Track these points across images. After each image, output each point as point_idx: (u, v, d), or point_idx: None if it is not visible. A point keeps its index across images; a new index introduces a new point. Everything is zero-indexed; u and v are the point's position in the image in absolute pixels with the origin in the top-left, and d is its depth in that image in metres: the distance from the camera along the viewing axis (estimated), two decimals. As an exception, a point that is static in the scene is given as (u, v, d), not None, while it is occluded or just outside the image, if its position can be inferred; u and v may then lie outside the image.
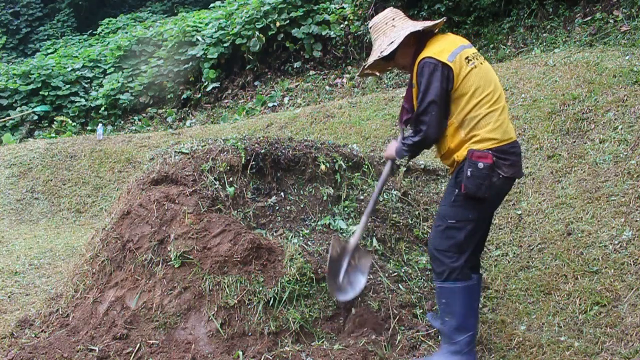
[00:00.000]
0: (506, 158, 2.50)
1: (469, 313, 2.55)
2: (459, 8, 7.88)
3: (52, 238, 5.56)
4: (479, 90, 2.51)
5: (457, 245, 2.53)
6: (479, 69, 2.55)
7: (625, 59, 4.90)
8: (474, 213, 2.53)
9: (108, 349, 2.74)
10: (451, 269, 2.53)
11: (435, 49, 2.55)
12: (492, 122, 2.49)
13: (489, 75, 2.57)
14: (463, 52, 2.55)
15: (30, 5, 18.51)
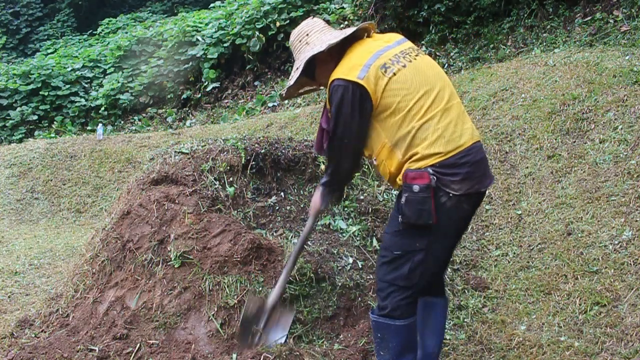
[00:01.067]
0: (454, 173, 2.08)
1: (407, 349, 2.25)
2: (459, 8, 7.87)
3: (52, 238, 5.56)
4: (406, 100, 2.11)
5: (403, 278, 2.18)
6: (401, 73, 2.14)
7: (625, 59, 4.90)
8: (422, 241, 2.14)
9: (108, 349, 2.74)
10: (394, 306, 2.20)
11: (346, 65, 2.18)
12: (430, 133, 2.08)
13: (419, 76, 2.16)
14: (378, 61, 2.15)
15: (30, 5, 18.50)
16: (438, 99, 2.13)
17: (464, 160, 2.10)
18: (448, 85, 2.21)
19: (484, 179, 2.17)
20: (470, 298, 3.15)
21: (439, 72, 2.23)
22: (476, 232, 3.82)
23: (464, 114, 2.20)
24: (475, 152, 2.15)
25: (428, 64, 2.22)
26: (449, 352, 2.72)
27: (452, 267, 3.41)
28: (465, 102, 5.46)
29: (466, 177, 2.10)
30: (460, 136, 2.12)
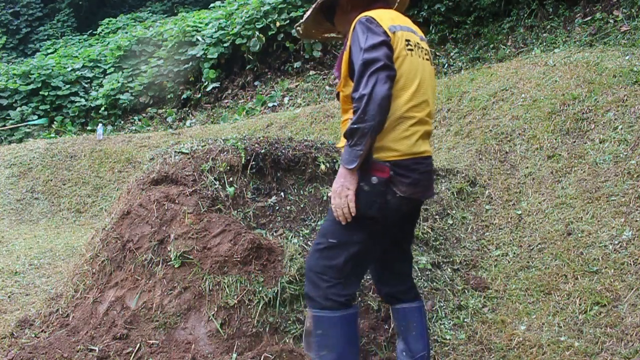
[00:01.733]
0: (405, 174, 2.07)
1: (350, 347, 2.18)
2: (459, 8, 7.88)
3: (52, 238, 5.56)
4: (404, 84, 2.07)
5: (335, 269, 2.13)
6: (415, 60, 2.12)
7: (625, 59, 4.90)
8: (360, 234, 2.11)
9: (108, 349, 2.74)
10: (326, 296, 2.13)
11: (380, 14, 2.11)
12: (402, 129, 2.07)
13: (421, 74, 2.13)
14: (407, 34, 2.12)
15: (30, 5, 18.51)
16: (424, 105, 2.13)
17: (416, 166, 2.11)
18: (434, 103, 2.25)
19: (427, 190, 2.20)
20: (470, 298, 3.15)
21: (434, 86, 2.27)
22: (476, 232, 3.82)
23: (429, 137, 2.24)
24: (427, 164, 2.18)
25: (431, 73, 2.24)
26: (449, 352, 2.72)
27: (452, 267, 3.41)
28: (465, 102, 5.47)
29: (414, 183, 2.10)
30: (420, 145, 2.12)
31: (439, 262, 3.38)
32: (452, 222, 3.84)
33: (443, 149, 4.99)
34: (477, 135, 4.87)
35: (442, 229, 3.72)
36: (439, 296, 3.09)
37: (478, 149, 4.68)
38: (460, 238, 3.72)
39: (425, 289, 3.11)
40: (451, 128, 5.24)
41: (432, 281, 3.21)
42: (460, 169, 4.41)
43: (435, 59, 8.12)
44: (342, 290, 2.15)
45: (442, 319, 2.94)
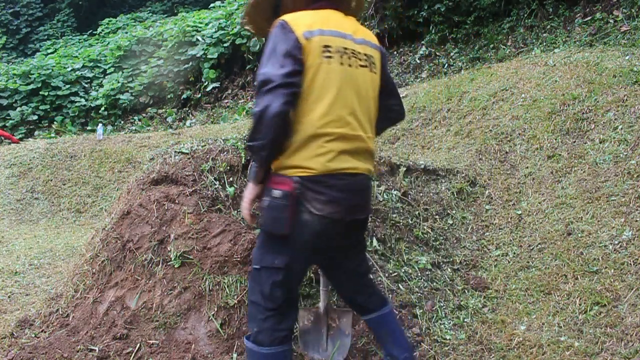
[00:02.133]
0: (320, 191, 1.90)
1: None
2: (459, 8, 7.88)
3: (52, 238, 5.56)
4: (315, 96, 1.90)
5: (264, 297, 1.99)
6: (332, 68, 1.91)
7: (625, 59, 4.90)
8: (281, 259, 1.97)
9: (108, 349, 2.74)
10: (259, 329, 2.01)
11: (301, 17, 1.95)
12: (315, 146, 1.90)
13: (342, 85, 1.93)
14: (331, 39, 1.93)
15: (30, 5, 18.52)
16: (349, 119, 1.95)
17: (333, 182, 1.92)
18: (369, 119, 2.05)
19: (354, 210, 2.02)
20: (470, 298, 3.15)
21: (372, 96, 2.05)
22: (476, 232, 3.82)
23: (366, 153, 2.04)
24: (352, 181, 1.98)
25: (365, 82, 2.01)
26: (449, 352, 2.72)
27: (452, 267, 3.41)
28: (465, 102, 5.47)
29: (333, 201, 1.92)
30: (341, 161, 1.94)
31: (439, 262, 3.38)
32: (452, 222, 3.84)
33: (443, 149, 4.99)
34: (477, 135, 4.87)
35: (442, 229, 3.72)
36: (439, 296, 3.09)
37: (478, 149, 4.68)
38: (460, 238, 3.72)
39: (425, 289, 3.11)
40: (451, 128, 5.24)
41: (432, 281, 3.21)
42: (460, 169, 4.41)
43: (435, 59, 8.12)
44: (278, 324, 2.01)
45: (442, 319, 2.94)
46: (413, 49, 8.62)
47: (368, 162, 2.08)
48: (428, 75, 7.82)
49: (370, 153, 2.08)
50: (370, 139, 2.08)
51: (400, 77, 8.22)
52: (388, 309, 2.33)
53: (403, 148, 5.36)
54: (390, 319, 2.32)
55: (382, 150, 5.35)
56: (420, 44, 8.46)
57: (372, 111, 2.08)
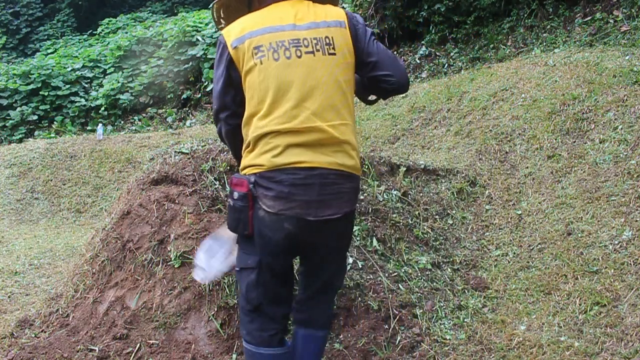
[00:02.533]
0: (267, 187, 1.89)
1: None
2: (459, 8, 7.88)
3: (52, 238, 5.56)
4: (257, 96, 1.93)
5: (244, 299, 2.05)
6: (268, 65, 1.91)
7: (625, 59, 4.90)
8: (252, 259, 1.99)
9: (108, 349, 2.74)
10: (246, 330, 2.07)
11: (237, 24, 2.00)
12: (262, 144, 1.92)
13: (286, 77, 1.92)
14: (261, 38, 1.93)
15: (30, 5, 18.51)
16: (295, 112, 1.90)
17: (281, 177, 1.88)
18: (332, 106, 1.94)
19: (321, 207, 1.92)
20: (470, 298, 3.15)
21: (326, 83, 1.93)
22: (476, 232, 3.82)
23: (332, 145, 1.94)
24: (304, 176, 1.89)
25: (314, 67, 1.93)
26: (449, 352, 2.72)
27: (452, 267, 3.41)
28: (465, 102, 5.47)
29: (281, 197, 1.89)
30: (289, 156, 1.90)
31: (439, 262, 3.38)
32: (452, 222, 3.84)
33: (443, 149, 4.99)
34: (477, 135, 4.87)
35: (442, 229, 3.72)
36: (439, 296, 3.09)
37: (478, 149, 4.68)
38: (460, 238, 3.72)
39: (425, 289, 3.11)
40: (451, 128, 5.24)
41: (432, 281, 3.21)
42: (460, 169, 4.41)
43: (435, 59, 8.12)
44: (263, 325, 2.03)
45: (442, 319, 2.94)
46: (413, 49, 8.62)
47: (337, 155, 1.95)
48: (428, 75, 7.82)
49: (340, 142, 1.95)
50: (337, 126, 1.95)
51: (400, 77, 8.22)
52: (324, 334, 2.24)
53: (403, 148, 5.36)
54: (318, 344, 2.20)
55: (382, 150, 5.35)
56: (420, 44, 8.46)
57: (335, 96, 1.96)
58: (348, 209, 2.01)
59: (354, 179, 2.01)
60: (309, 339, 2.18)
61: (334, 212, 1.95)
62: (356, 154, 2.02)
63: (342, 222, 2.02)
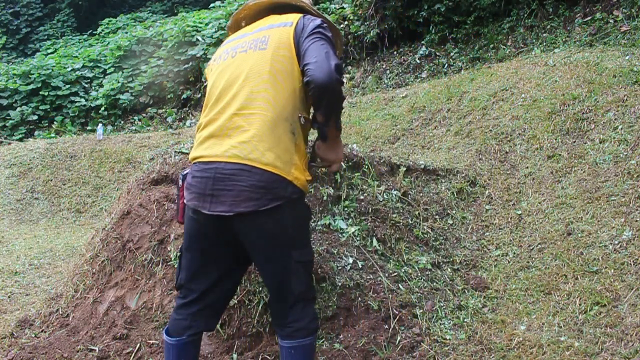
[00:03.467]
0: (188, 179, 2.03)
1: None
2: (459, 8, 7.88)
3: (52, 238, 5.57)
4: (207, 102, 2.08)
5: (175, 278, 2.17)
6: (215, 66, 2.11)
7: (625, 59, 4.90)
8: (183, 243, 2.12)
9: (108, 349, 2.74)
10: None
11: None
12: (198, 138, 2.04)
13: (223, 75, 2.03)
14: (225, 47, 2.14)
15: (30, 5, 18.51)
16: (217, 105, 2.00)
17: (197, 173, 1.96)
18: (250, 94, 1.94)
19: (213, 202, 1.91)
20: (470, 298, 3.15)
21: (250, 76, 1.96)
22: (476, 232, 3.82)
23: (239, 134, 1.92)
24: (218, 171, 1.90)
25: (246, 63, 1.99)
26: (449, 352, 2.72)
27: (452, 267, 3.41)
28: (465, 102, 5.47)
29: (188, 188, 1.99)
30: (199, 150, 1.99)
31: (439, 262, 3.38)
32: (452, 222, 3.84)
33: (443, 149, 4.99)
34: (477, 135, 4.87)
35: (442, 229, 3.72)
36: (439, 296, 3.09)
37: (478, 149, 4.68)
38: (460, 238, 3.72)
39: (425, 289, 3.11)
40: (451, 128, 5.24)
41: (432, 281, 3.21)
42: (460, 169, 4.41)
43: (435, 59, 8.12)
44: (178, 308, 2.13)
45: (442, 319, 2.94)
46: (413, 49, 8.62)
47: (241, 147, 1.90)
48: (428, 75, 7.82)
49: (247, 134, 1.91)
50: (248, 116, 1.92)
51: (400, 77, 8.22)
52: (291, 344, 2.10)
53: (403, 148, 5.36)
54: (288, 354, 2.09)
55: (382, 150, 5.35)
56: (420, 44, 8.46)
57: (258, 86, 1.95)
58: (245, 209, 1.88)
59: (256, 174, 1.88)
60: (281, 348, 2.13)
61: (226, 209, 1.90)
62: (266, 147, 1.89)
63: (262, 220, 1.92)
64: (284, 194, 1.89)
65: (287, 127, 1.93)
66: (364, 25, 8.87)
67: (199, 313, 2.11)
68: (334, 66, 1.85)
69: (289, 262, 2.00)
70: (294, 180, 1.92)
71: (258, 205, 1.87)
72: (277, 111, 1.92)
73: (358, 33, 9.03)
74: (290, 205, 1.93)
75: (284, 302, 2.09)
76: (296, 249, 2.01)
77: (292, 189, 1.91)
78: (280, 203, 1.90)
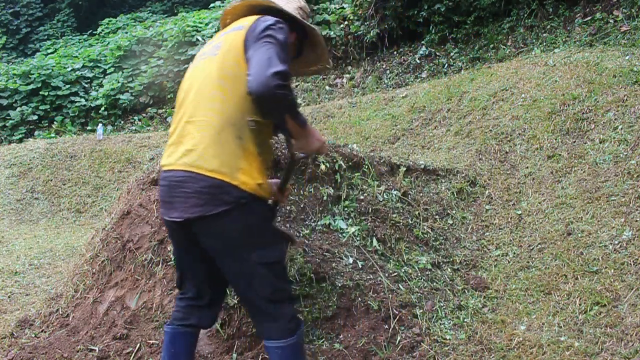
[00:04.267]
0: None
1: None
2: (459, 8, 7.88)
3: (52, 238, 5.57)
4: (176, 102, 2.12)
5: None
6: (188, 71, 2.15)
7: (625, 59, 4.90)
8: None
9: (108, 349, 2.74)
10: None
11: None
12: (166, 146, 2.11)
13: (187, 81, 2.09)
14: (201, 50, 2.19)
15: (30, 5, 18.50)
16: (181, 112, 2.06)
17: (162, 181, 2.05)
18: (202, 100, 1.99)
19: (167, 207, 2.00)
20: (470, 298, 3.15)
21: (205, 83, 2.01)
22: (476, 232, 3.82)
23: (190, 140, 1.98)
24: (165, 177, 2.00)
25: (202, 70, 2.05)
26: (449, 352, 2.72)
27: (452, 267, 3.41)
28: (465, 102, 5.47)
29: (161, 197, 2.07)
30: (163, 158, 2.07)
31: (439, 262, 3.38)
32: (452, 222, 3.84)
33: (443, 149, 4.99)
34: (477, 135, 4.87)
35: (442, 229, 3.72)
36: (439, 296, 3.09)
37: (478, 149, 4.68)
38: (460, 238, 3.72)
39: (425, 289, 3.11)
40: (451, 128, 5.24)
41: (432, 281, 3.21)
42: (460, 169, 4.41)
43: (435, 59, 8.12)
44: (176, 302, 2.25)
45: (442, 319, 2.94)
46: (413, 49, 8.62)
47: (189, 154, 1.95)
48: (428, 75, 7.82)
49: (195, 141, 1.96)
50: (197, 123, 1.98)
51: (400, 77, 8.22)
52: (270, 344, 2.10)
53: (403, 148, 5.36)
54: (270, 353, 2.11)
55: (382, 150, 5.35)
56: (420, 44, 8.46)
57: (208, 92, 1.99)
58: (192, 214, 1.92)
59: (201, 180, 1.91)
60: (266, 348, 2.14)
61: (178, 215, 1.96)
62: (211, 153, 1.92)
63: (211, 225, 1.95)
64: (229, 199, 1.90)
65: (234, 132, 1.94)
66: (364, 25, 8.87)
67: (193, 308, 2.20)
68: (271, 74, 1.81)
69: (248, 265, 1.99)
70: (241, 184, 1.92)
71: (204, 210, 1.91)
72: (224, 117, 1.94)
73: (358, 33, 9.04)
74: (240, 209, 1.93)
75: (252, 305, 2.11)
76: (255, 251, 1.98)
77: (238, 193, 1.91)
78: (228, 208, 1.91)
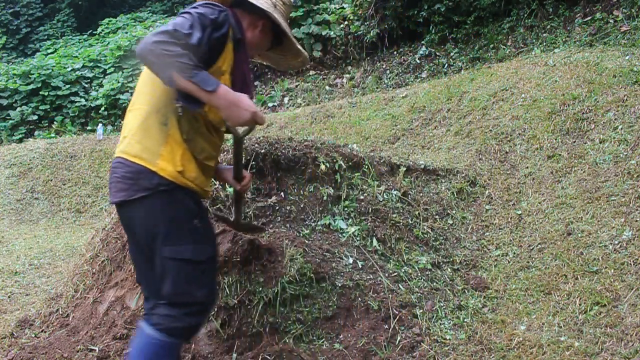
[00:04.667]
0: None
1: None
2: (459, 8, 7.88)
3: (52, 238, 5.57)
4: None
5: None
6: None
7: (625, 59, 4.91)
8: None
9: (108, 349, 2.74)
10: None
11: None
12: None
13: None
14: None
15: (30, 5, 18.50)
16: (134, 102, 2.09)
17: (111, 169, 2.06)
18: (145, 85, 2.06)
19: (110, 194, 2.07)
20: (470, 298, 3.15)
21: (144, 72, 2.10)
22: (476, 232, 3.82)
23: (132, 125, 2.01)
24: (112, 165, 2.06)
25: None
26: (449, 352, 2.72)
27: (452, 267, 3.41)
28: (465, 102, 5.47)
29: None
30: (120, 144, 2.06)
31: (439, 262, 3.38)
32: (452, 222, 3.84)
33: (443, 149, 4.99)
34: (477, 135, 4.87)
35: (442, 229, 3.72)
36: (439, 296, 3.09)
37: (478, 149, 4.68)
38: (460, 238, 3.72)
39: (425, 289, 3.11)
40: (451, 128, 5.24)
41: (432, 281, 3.21)
42: (460, 169, 4.41)
43: (435, 59, 8.12)
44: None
45: (442, 319, 2.94)
46: (413, 49, 8.62)
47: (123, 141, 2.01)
48: (428, 75, 7.82)
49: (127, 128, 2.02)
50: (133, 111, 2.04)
51: (400, 77, 8.22)
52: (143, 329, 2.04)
53: (403, 148, 5.36)
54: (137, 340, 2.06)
55: (382, 150, 5.35)
56: (420, 44, 8.46)
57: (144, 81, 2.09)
58: (117, 199, 1.98)
59: (126, 166, 1.97)
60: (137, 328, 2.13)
61: (112, 199, 2.05)
62: (136, 139, 1.97)
63: (133, 210, 1.98)
64: (149, 184, 1.93)
65: (159, 119, 1.98)
66: (364, 25, 8.87)
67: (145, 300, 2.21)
68: (154, 33, 1.92)
69: (160, 258, 1.98)
70: (159, 171, 1.93)
71: (127, 195, 1.95)
72: (152, 104, 2.00)
73: (358, 33, 9.04)
74: (159, 196, 1.94)
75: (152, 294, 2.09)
76: (167, 245, 1.96)
77: (158, 180, 1.93)
78: (147, 194, 1.93)
